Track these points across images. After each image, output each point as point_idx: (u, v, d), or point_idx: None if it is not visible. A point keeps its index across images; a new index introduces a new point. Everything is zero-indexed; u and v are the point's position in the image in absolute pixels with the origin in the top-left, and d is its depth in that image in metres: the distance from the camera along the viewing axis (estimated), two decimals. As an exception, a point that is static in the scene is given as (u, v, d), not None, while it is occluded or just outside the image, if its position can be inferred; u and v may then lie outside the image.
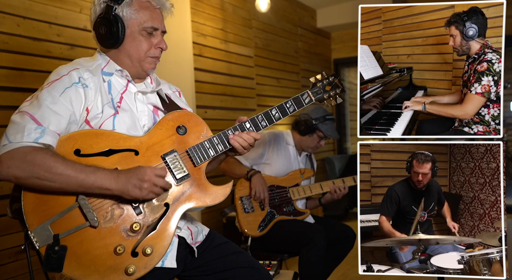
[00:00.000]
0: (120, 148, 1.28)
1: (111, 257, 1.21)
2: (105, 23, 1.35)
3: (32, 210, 1.17)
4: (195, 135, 1.39)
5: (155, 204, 1.28)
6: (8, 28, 2.44)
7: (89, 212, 1.20)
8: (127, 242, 1.23)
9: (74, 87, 1.28)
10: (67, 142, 1.23)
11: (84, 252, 1.18)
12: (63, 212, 1.19)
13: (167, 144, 1.34)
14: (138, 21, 1.38)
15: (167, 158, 1.33)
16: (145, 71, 1.45)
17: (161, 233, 1.27)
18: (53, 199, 1.19)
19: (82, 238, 1.19)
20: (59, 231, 1.17)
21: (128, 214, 1.25)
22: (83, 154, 1.23)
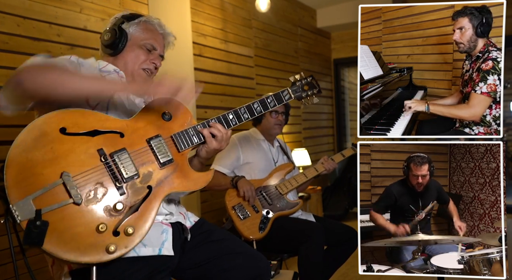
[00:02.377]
0: (106, 129, 1.31)
1: (93, 234, 1.21)
2: (111, 31, 1.53)
3: (15, 184, 1.17)
4: (179, 122, 1.44)
5: (138, 186, 1.30)
6: (8, 28, 2.44)
7: (73, 189, 1.21)
8: (109, 221, 1.24)
9: (70, 60, 1.41)
10: (54, 119, 1.25)
11: (66, 228, 1.19)
12: (47, 187, 1.19)
13: (152, 128, 1.38)
14: (141, 38, 1.55)
15: (152, 142, 1.36)
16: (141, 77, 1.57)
17: (143, 215, 1.29)
18: (37, 174, 1.19)
19: (64, 214, 1.20)
20: (41, 206, 1.17)
21: (111, 193, 1.26)
22: (68, 132, 1.25)
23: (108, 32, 1.54)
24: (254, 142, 2.75)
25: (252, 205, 2.49)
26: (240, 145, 2.69)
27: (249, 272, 1.55)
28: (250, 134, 2.80)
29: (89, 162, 1.26)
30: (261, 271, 1.59)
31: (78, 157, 1.25)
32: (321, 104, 6.11)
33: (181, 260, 1.49)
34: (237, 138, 2.72)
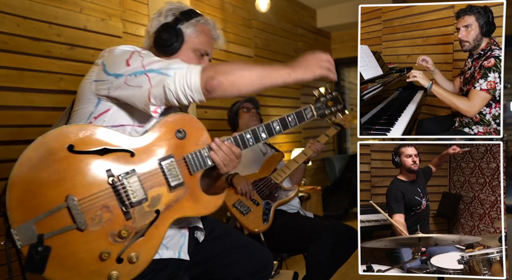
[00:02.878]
0: (116, 147, 1.22)
1: (95, 262, 1.16)
2: (169, 31, 1.45)
3: (17, 206, 1.10)
4: (193, 141, 1.34)
5: (146, 210, 1.23)
6: (8, 28, 2.44)
7: (78, 214, 1.14)
8: (113, 248, 1.18)
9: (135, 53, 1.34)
10: (61, 136, 1.17)
11: (68, 254, 1.13)
12: (50, 211, 1.12)
13: (165, 147, 1.29)
14: (196, 42, 1.49)
15: (163, 163, 1.27)
16: None
17: (149, 240, 1.23)
18: (41, 196, 1.12)
19: (67, 240, 1.14)
20: (43, 230, 1.11)
21: (117, 218, 1.19)
22: (76, 150, 1.17)
23: (165, 31, 1.45)
24: None
25: (251, 199, 2.50)
26: None
27: (252, 265, 1.56)
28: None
29: (96, 184, 1.18)
30: (264, 262, 1.60)
31: (85, 179, 1.17)
32: (321, 104, 6.10)
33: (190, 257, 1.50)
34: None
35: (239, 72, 1.28)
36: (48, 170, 1.13)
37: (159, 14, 1.50)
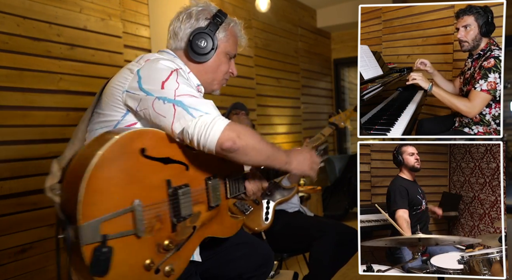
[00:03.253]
0: (176, 159, 1.25)
1: (140, 271, 1.14)
2: (206, 38, 1.41)
3: (88, 202, 1.03)
4: (230, 164, 1.40)
5: (187, 225, 1.25)
6: (8, 28, 2.44)
7: (140, 220, 1.12)
8: (156, 258, 1.17)
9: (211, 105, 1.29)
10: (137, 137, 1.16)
11: (121, 260, 1.09)
12: (117, 213, 1.08)
13: (211, 166, 1.35)
14: (227, 46, 1.47)
15: (209, 183, 1.33)
16: (213, 90, 1.52)
17: (182, 255, 1.24)
18: (111, 195, 1.08)
19: (123, 244, 1.09)
20: (106, 231, 1.06)
21: (165, 229, 1.19)
22: (146, 155, 1.16)
23: (202, 39, 1.41)
24: None
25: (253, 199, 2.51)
26: None
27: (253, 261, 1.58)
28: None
29: (157, 193, 1.19)
30: (265, 258, 1.62)
31: (150, 185, 1.16)
32: (321, 104, 6.11)
33: None
34: None
35: (257, 145, 1.25)
36: (120, 170, 1.11)
37: (189, 15, 1.44)
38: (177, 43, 1.45)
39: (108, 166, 1.07)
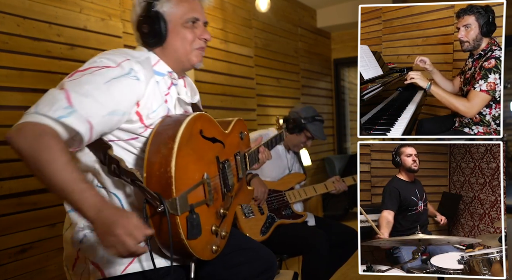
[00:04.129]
0: (219, 138, 1.41)
1: (209, 234, 1.30)
2: (147, 21, 1.35)
3: (179, 176, 1.18)
4: (246, 142, 1.60)
5: (229, 195, 1.43)
6: (8, 28, 2.44)
7: (210, 191, 1.28)
8: (217, 224, 1.33)
9: (123, 78, 1.23)
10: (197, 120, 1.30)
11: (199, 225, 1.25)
12: (196, 185, 1.24)
13: (236, 144, 1.53)
14: (179, 14, 1.38)
15: (237, 157, 1.51)
16: (192, 65, 1.44)
17: (228, 221, 1.42)
18: (189, 170, 1.24)
19: (201, 211, 1.24)
20: (190, 202, 1.20)
21: (219, 198, 1.37)
22: (203, 135, 1.32)
23: (143, 22, 1.35)
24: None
25: (258, 206, 2.47)
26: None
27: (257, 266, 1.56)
28: (268, 133, 2.67)
29: (214, 168, 1.36)
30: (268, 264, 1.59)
31: (209, 161, 1.34)
32: (321, 104, 6.11)
33: None
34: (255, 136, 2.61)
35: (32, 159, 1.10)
36: (193, 148, 1.27)
37: (133, 5, 1.40)
38: (135, 36, 1.41)
39: (185, 146, 1.22)
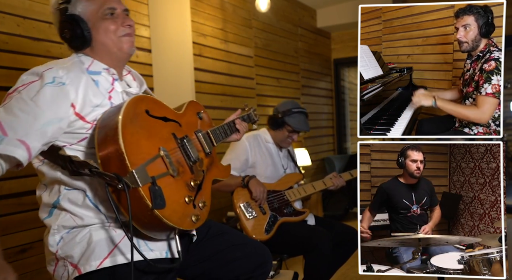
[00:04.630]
0: (171, 118, 1.45)
1: (183, 204, 1.33)
2: (66, 26, 1.36)
3: (131, 151, 1.21)
4: (207, 123, 1.66)
5: (198, 169, 1.48)
6: (8, 28, 2.44)
7: (170, 163, 1.31)
8: (191, 195, 1.37)
9: (47, 87, 1.25)
10: (140, 102, 1.35)
11: (168, 196, 1.26)
12: (153, 158, 1.27)
13: (194, 123, 1.59)
14: (95, 10, 1.38)
15: (198, 134, 1.55)
16: (126, 53, 1.45)
17: (205, 193, 1.47)
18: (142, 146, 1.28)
19: (165, 184, 1.27)
20: (151, 174, 1.23)
21: (187, 171, 1.41)
22: (151, 114, 1.36)
23: (63, 28, 1.36)
24: (263, 145, 2.72)
25: (260, 206, 2.48)
26: (250, 146, 2.64)
27: (251, 262, 1.56)
28: (259, 135, 2.74)
29: (171, 143, 1.39)
30: (264, 259, 1.60)
31: (163, 137, 1.38)
32: (321, 104, 6.11)
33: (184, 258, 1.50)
34: (247, 139, 2.66)
35: None
36: (140, 125, 1.30)
37: (52, 16, 1.41)
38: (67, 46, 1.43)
39: (130, 124, 1.25)
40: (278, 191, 2.60)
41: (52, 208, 1.37)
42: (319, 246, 2.36)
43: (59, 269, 1.35)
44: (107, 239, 1.31)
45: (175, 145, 1.40)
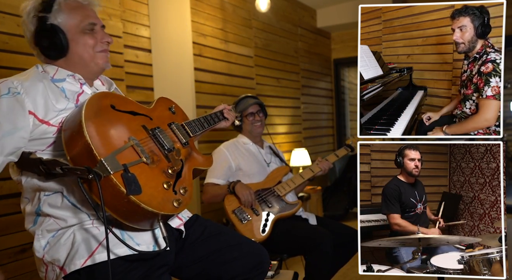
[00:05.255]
0: (140, 112, 1.46)
1: (162, 190, 1.33)
2: (45, 35, 1.37)
3: (98, 143, 1.22)
4: (180, 117, 1.67)
5: (175, 158, 1.48)
6: (8, 28, 2.44)
7: (142, 151, 1.32)
8: (169, 180, 1.37)
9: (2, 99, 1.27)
10: (103, 98, 1.36)
11: (144, 183, 1.27)
12: (123, 147, 1.28)
13: (167, 117, 1.59)
14: (75, 23, 1.41)
15: (171, 126, 1.56)
16: (101, 67, 1.49)
17: (186, 180, 1.47)
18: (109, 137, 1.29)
19: (140, 171, 1.28)
20: (123, 162, 1.24)
21: (162, 160, 1.41)
22: (117, 109, 1.37)
23: (41, 36, 1.37)
24: (242, 147, 2.76)
25: (251, 208, 2.49)
26: (229, 153, 2.68)
27: (248, 262, 1.56)
28: (237, 141, 2.80)
29: (141, 134, 1.40)
30: (261, 259, 1.60)
31: (133, 129, 1.39)
32: (321, 104, 6.11)
33: (180, 257, 1.49)
34: (224, 147, 2.72)
35: None
36: (106, 119, 1.31)
37: (24, 23, 1.40)
38: (36, 54, 1.44)
39: (94, 118, 1.27)
40: (268, 188, 2.62)
41: (36, 216, 1.38)
42: (321, 246, 2.36)
43: (49, 274, 1.36)
44: (90, 238, 1.32)
45: (145, 135, 1.40)
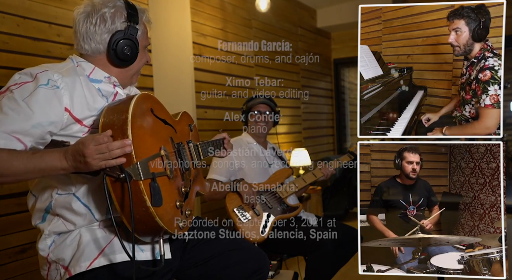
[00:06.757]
0: (169, 122, 1.46)
1: (174, 208, 1.31)
2: (130, 45, 1.38)
3: (138, 144, 1.20)
4: (195, 136, 1.65)
5: (187, 178, 1.47)
6: (8, 28, 2.44)
7: (169, 164, 1.31)
8: (180, 200, 1.36)
9: (40, 89, 1.24)
10: (147, 99, 1.36)
11: (163, 197, 1.25)
12: (155, 155, 1.26)
13: (186, 133, 1.59)
14: (144, 38, 1.46)
15: (190, 144, 1.55)
16: (133, 83, 1.53)
17: (191, 202, 1.45)
18: (146, 141, 1.27)
19: (162, 184, 1.26)
20: (151, 171, 1.22)
21: (179, 177, 1.40)
22: (154, 114, 1.37)
23: (127, 46, 1.37)
24: (246, 146, 2.77)
25: (252, 208, 2.49)
26: (233, 152, 2.67)
27: (248, 267, 1.56)
28: (241, 139, 2.81)
29: (170, 145, 1.39)
30: (261, 264, 1.60)
31: (164, 138, 1.38)
32: (321, 104, 6.11)
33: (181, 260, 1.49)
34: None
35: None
36: (146, 122, 1.31)
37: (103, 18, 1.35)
38: (93, 47, 1.38)
39: (138, 118, 1.25)
40: (269, 190, 2.63)
41: (45, 213, 1.37)
42: (321, 246, 2.36)
43: (52, 272, 1.35)
44: (97, 240, 1.31)
45: (172, 149, 1.40)
